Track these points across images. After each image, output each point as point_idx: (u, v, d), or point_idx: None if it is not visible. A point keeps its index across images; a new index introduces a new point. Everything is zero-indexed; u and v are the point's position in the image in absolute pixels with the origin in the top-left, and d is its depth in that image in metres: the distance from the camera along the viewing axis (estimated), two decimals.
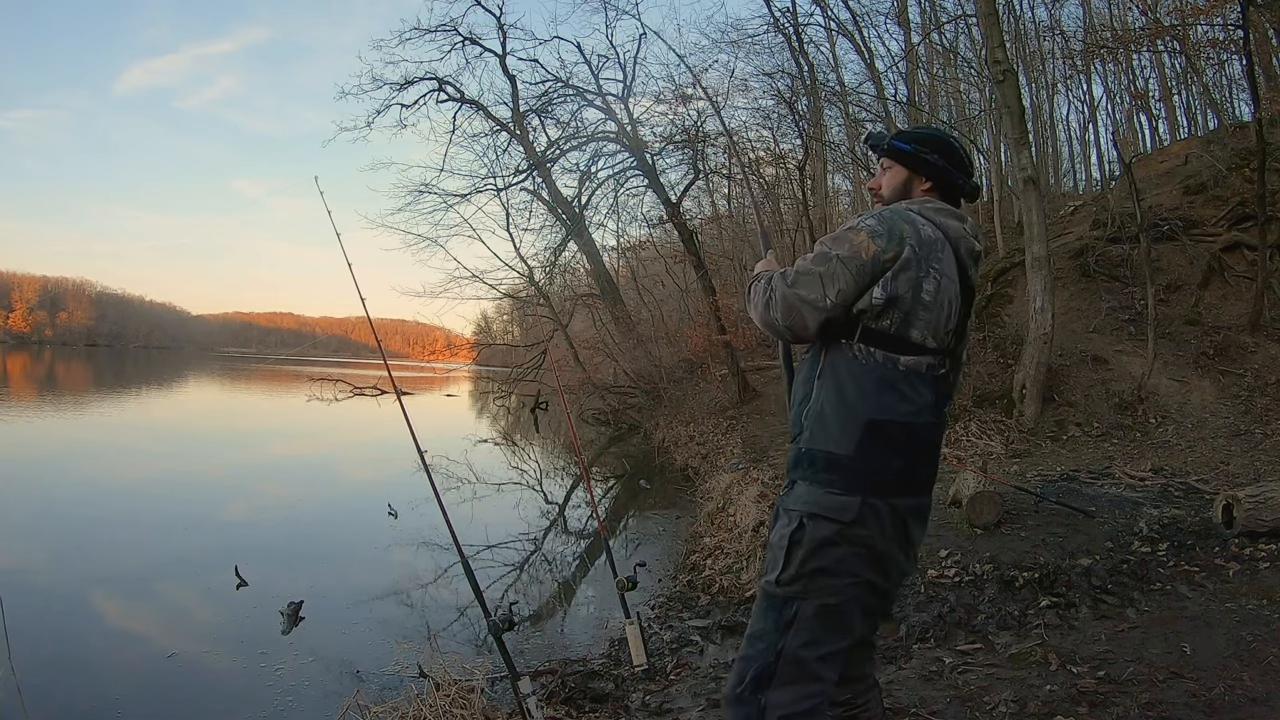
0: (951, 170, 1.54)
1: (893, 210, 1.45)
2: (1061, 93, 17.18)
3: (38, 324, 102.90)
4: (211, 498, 7.69)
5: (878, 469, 1.36)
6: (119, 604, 4.54)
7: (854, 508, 1.34)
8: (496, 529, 6.70)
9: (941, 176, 1.54)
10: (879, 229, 1.39)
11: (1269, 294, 8.14)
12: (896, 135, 1.61)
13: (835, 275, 1.37)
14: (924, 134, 1.60)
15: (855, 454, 1.35)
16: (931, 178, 1.54)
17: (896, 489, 1.38)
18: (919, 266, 1.38)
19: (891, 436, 1.37)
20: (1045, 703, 2.46)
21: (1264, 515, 3.96)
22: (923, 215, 1.45)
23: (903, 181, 1.57)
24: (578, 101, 14.11)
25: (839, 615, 1.38)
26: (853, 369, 1.39)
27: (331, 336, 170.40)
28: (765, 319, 1.45)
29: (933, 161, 1.54)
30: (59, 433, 12.79)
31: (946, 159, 1.54)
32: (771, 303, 1.42)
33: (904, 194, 1.56)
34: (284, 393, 27.42)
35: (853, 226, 1.41)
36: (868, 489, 1.35)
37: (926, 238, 1.41)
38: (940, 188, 1.55)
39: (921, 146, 1.55)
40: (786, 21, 14.12)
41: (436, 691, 2.68)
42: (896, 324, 1.38)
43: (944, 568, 3.83)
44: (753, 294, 1.49)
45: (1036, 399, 7.47)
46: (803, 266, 1.41)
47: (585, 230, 15.28)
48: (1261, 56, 10.72)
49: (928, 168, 1.54)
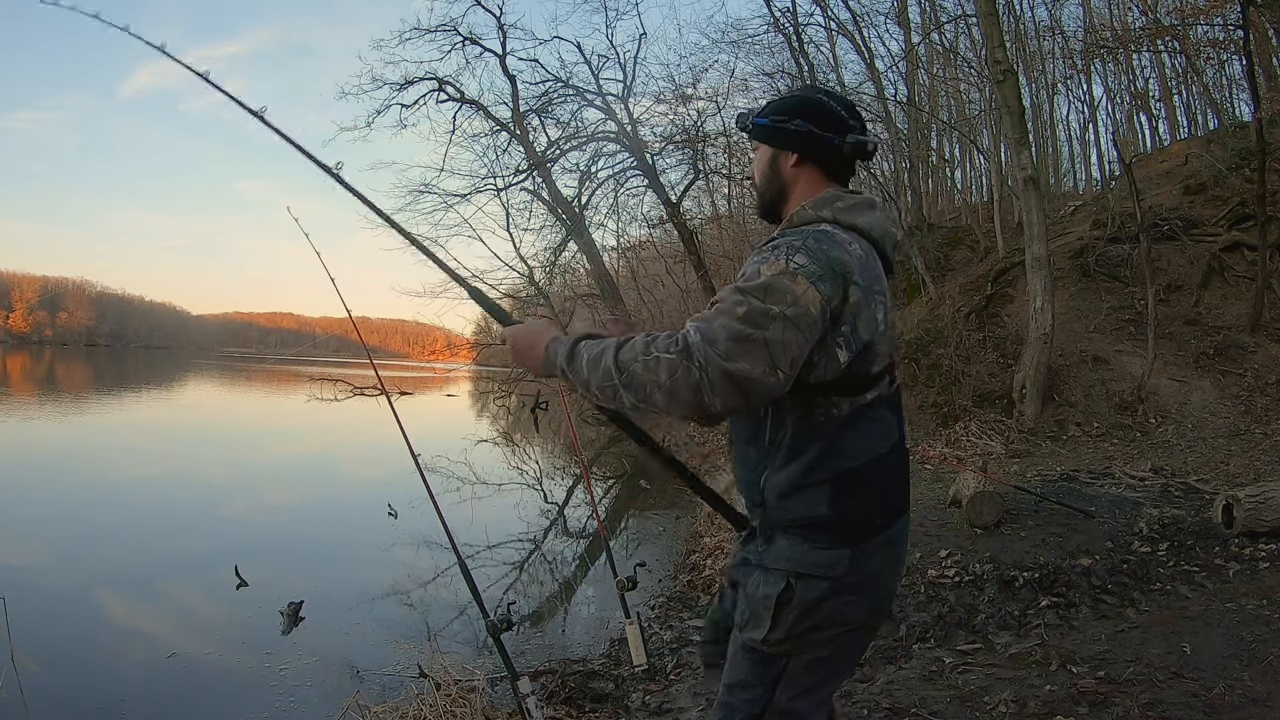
0: (823, 134, 1.26)
1: (814, 237, 1.14)
2: (1061, 93, 17.19)
3: (38, 324, 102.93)
4: (211, 497, 7.69)
5: (861, 515, 1.21)
6: (120, 604, 4.54)
7: (844, 560, 1.19)
8: (496, 529, 6.70)
9: (811, 145, 1.26)
10: (816, 269, 1.08)
11: (1269, 294, 8.14)
12: (757, 111, 1.34)
13: (785, 342, 1.03)
14: (783, 100, 1.33)
15: (834, 511, 1.18)
16: (799, 149, 1.27)
17: (882, 524, 1.25)
18: (868, 301, 1.15)
19: (867, 479, 1.21)
20: (1045, 703, 2.46)
21: (1264, 515, 3.96)
22: (840, 227, 1.19)
23: (769, 161, 1.31)
24: (578, 101, 14.12)
25: (832, 663, 1.30)
26: (811, 429, 1.17)
27: (331, 336, 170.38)
28: (693, 404, 1.01)
29: (796, 129, 1.26)
30: (59, 433, 12.79)
31: (814, 121, 1.26)
32: (702, 384, 1.00)
33: (773, 177, 1.31)
34: (284, 393, 27.42)
35: (783, 270, 1.07)
36: (855, 537, 1.20)
37: (862, 260, 1.17)
38: (815, 159, 1.27)
39: (780, 115, 1.29)
40: (786, 21, 14.13)
41: (436, 691, 2.68)
42: (859, 368, 1.16)
43: (944, 568, 3.84)
44: (634, 369, 1.04)
45: (1036, 399, 7.47)
46: (732, 328, 1.02)
47: (585, 230, 15.29)
48: (1261, 56, 10.72)
49: (792, 138, 1.27)
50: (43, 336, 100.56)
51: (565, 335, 1.20)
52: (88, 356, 63.67)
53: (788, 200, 1.30)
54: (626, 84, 13.64)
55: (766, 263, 1.10)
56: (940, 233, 15.13)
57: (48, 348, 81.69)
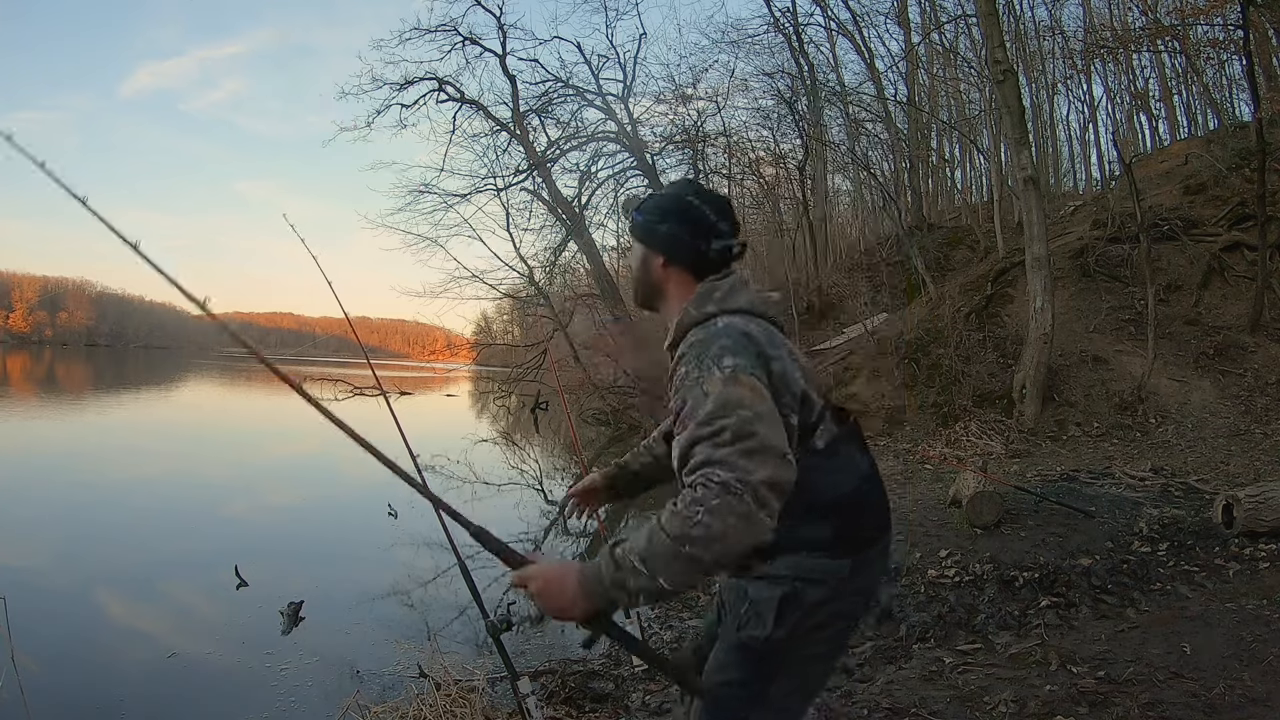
0: (688, 239, 1.29)
1: (719, 330, 1.21)
2: (1061, 93, 17.21)
3: (38, 324, 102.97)
4: (211, 497, 7.68)
5: (855, 533, 1.29)
6: (120, 604, 4.54)
7: (846, 568, 1.26)
8: (496, 529, 6.61)
9: (678, 250, 1.30)
10: (743, 362, 1.15)
11: (1269, 294, 8.14)
12: (638, 203, 1.37)
13: (775, 432, 1.11)
14: (657, 201, 1.35)
15: (833, 534, 1.26)
16: (666, 253, 1.31)
17: (874, 536, 1.33)
18: (784, 366, 1.21)
19: (852, 506, 1.29)
20: (1045, 703, 2.46)
21: (1264, 515, 3.97)
22: (729, 312, 1.24)
23: (641, 259, 1.35)
24: (578, 101, 14.16)
25: (826, 660, 1.36)
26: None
27: (331, 336, 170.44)
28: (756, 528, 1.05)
29: (664, 233, 1.31)
30: (59, 433, 12.79)
31: (682, 227, 1.30)
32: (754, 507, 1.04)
33: (645, 275, 1.35)
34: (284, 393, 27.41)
35: (723, 380, 1.13)
36: (854, 550, 1.27)
37: (763, 333, 1.23)
38: (682, 262, 1.30)
39: (651, 216, 1.33)
40: (786, 21, 14.16)
41: (437, 691, 2.68)
42: (804, 421, 1.23)
43: (944, 568, 3.84)
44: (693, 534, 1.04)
45: (1036, 399, 7.47)
46: (735, 449, 1.07)
47: (585, 230, 15.31)
48: (1261, 56, 10.73)
49: (660, 241, 1.31)
50: (43, 336, 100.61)
51: (578, 563, 1.15)
52: (88, 356, 63.69)
53: (663, 298, 1.35)
54: (626, 84, 13.69)
55: (704, 382, 1.14)
56: (940, 233, 15.14)
57: (48, 348, 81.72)
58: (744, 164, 15.63)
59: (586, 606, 1.11)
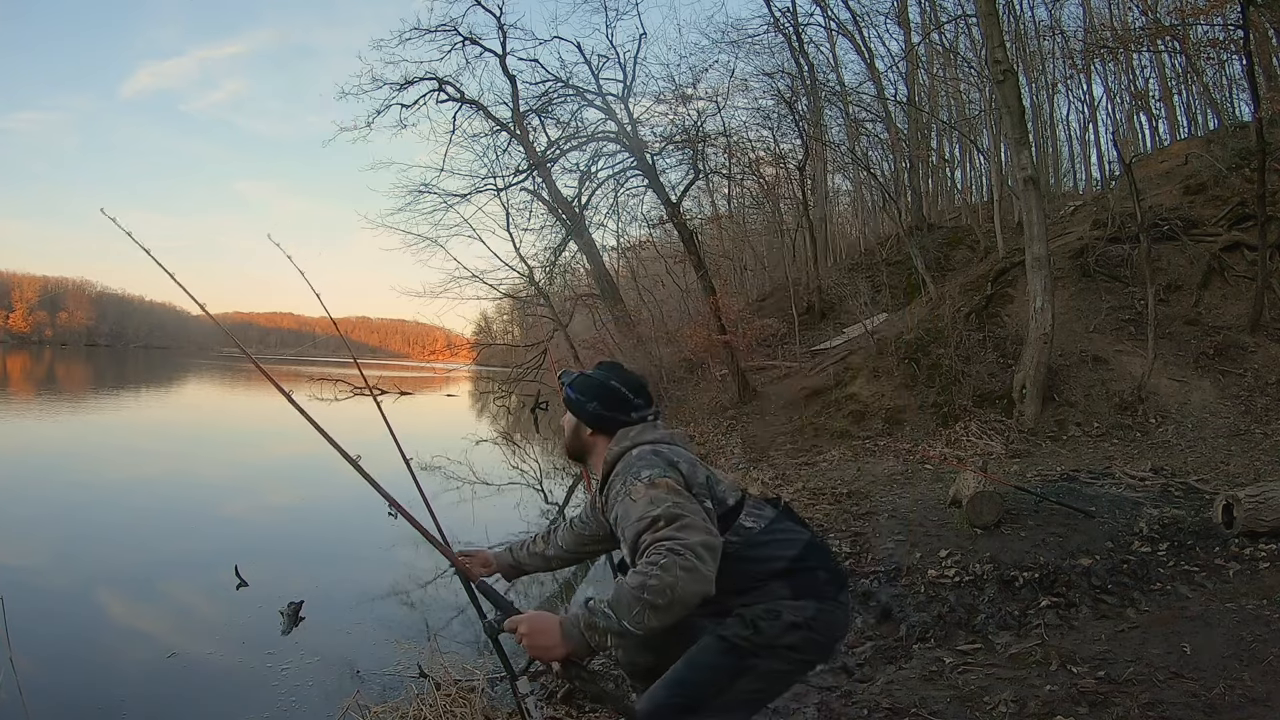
0: (610, 414, 1.65)
1: (635, 457, 1.55)
2: (1061, 93, 17.22)
3: (38, 324, 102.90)
4: (211, 497, 7.68)
5: (811, 587, 1.56)
6: (119, 604, 4.53)
7: (810, 608, 1.54)
8: (496, 529, 6.70)
9: (602, 423, 1.65)
10: (658, 470, 1.49)
11: (1269, 294, 8.14)
12: (570, 382, 1.73)
13: (697, 511, 1.42)
14: (585, 382, 1.70)
15: (792, 589, 1.54)
16: (590, 424, 1.67)
17: (831, 590, 1.59)
18: (693, 470, 1.55)
19: (801, 569, 1.56)
20: (1045, 703, 2.46)
21: (1264, 515, 3.96)
22: (639, 444, 1.58)
23: (573, 428, 1.72)
24: (578, 101, 14.15)
25: (783, 679, 1.61)
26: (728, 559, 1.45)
27: (331, 336, 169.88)
28: (701, 579, 1.32)
29: (591, 411, 1.66)
30: (59, 433, 12.79)
31: (605, 405, 1.65)
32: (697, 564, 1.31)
33: (574, 439, 1.71)
34: None
35: (647, 484, 1.46)
36: (812, 598, 1.55)
37: (669, 451, 1.57)
38: (604, 432, 1.65)
39: (581, 395, 1.68)
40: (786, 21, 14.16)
41: (436, 691, 2.68)
42: (721, 508, 1.54)
43: (944, 568, 3.84)
44: (650, 585, 1.29)
45: (1036, 399, 7.47)
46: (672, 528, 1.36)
47: (585, 230, 15.32)
48: (1261, 56, 10.73)
49: (588, 416, 1.67)
50: (43, 336, 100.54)
51: (558, 615, 1.39)
52: (88, 356, 63.67)
53: (591, 454, 1.71)
54: (626, 84, 13.68)
55: (632, 492, 1.46)
56: (940, 233, 15.15)
57: (48, 348, 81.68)
58: (744, 164, 15.63)
59: (565, 647, 1.33)
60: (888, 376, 9.27)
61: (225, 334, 1.72)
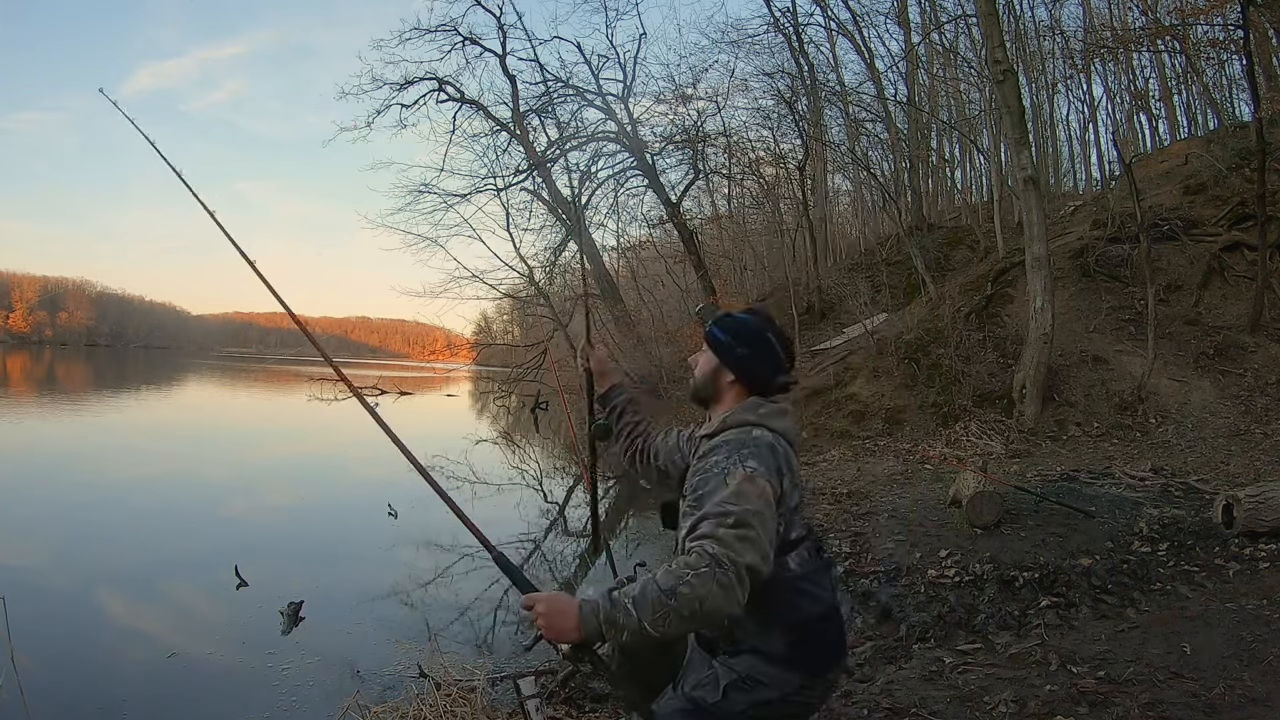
0: (760, 367, 1.52)
1: (753, 438, 1.42)
2: (1061, 93, 17.20)
3: (38, 324, 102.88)
4: (211, 497, 7.68)
5: (811, 656, 1.47)
6: (120, 604, 4.54)
7: (794, 682, 1.45)
8: (496, 529, 6.70)
9: (747, 373, 1.53)
10: (763, 469, 1.37)
11: (1269, 294, 8.14)
12: (718, 319, 1.58)
13: (767, 533, 1.31)
14: (742, 324, 1.56)
15: (790, 648, 1.44)
16: (735, 371, 1.53)
17: (826, 666, 1.51)
18: (793, 486, 1.44)
19: (818, 629, 1.47)
20: (1045, 703, 2.46)
21: (1264, 515, 3.97)
22: (766, 427, 1.44)
23: (712, 370, 1.56)
24: (578, 101, 14.18)
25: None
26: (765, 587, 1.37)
27: (331, 336, 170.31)
28: (732, 601, 1.24)
29: (740, 356, 1.53)
30: (59, 433, 12.79)
31: (757, 355, 1.53)
32: (733, 583, 1.23)
33: (711, 382, 1.56)
34: (283, 393, 27.44)
35: (745, 477, 1.34)
36: (804, 669, 1.46)
37: (786, 455, 1.44)
38: (746, 382, 1.53)
39: (733, 339, 1.54)
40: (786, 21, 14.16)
41: (436, 691, 2.68)
42: (785, 535, 1.43)
43: (944, 568, 3.84)
44: (680, 591, 1.22)
45: (1036, 399, 7.47)
46: (734, 534, 1.27)
47: (585, 230, 15.32)
48: (1261, 56, 10.73)
49: (735, 361, 1.53)
50: (43, 336, 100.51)
51: (578, 598, 1.30)
52: (88, 356, 63.67)
53: (718, 402, 1.58)
54: (626, 84, 13.70)
55: (729, 474, 1.35)
56: (940, 233, 15.13)
57: (48, 348, 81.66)
58: (744, 164, 15.62)
59: (581, 634, 1.26)
60: (888, 376, 9.27)
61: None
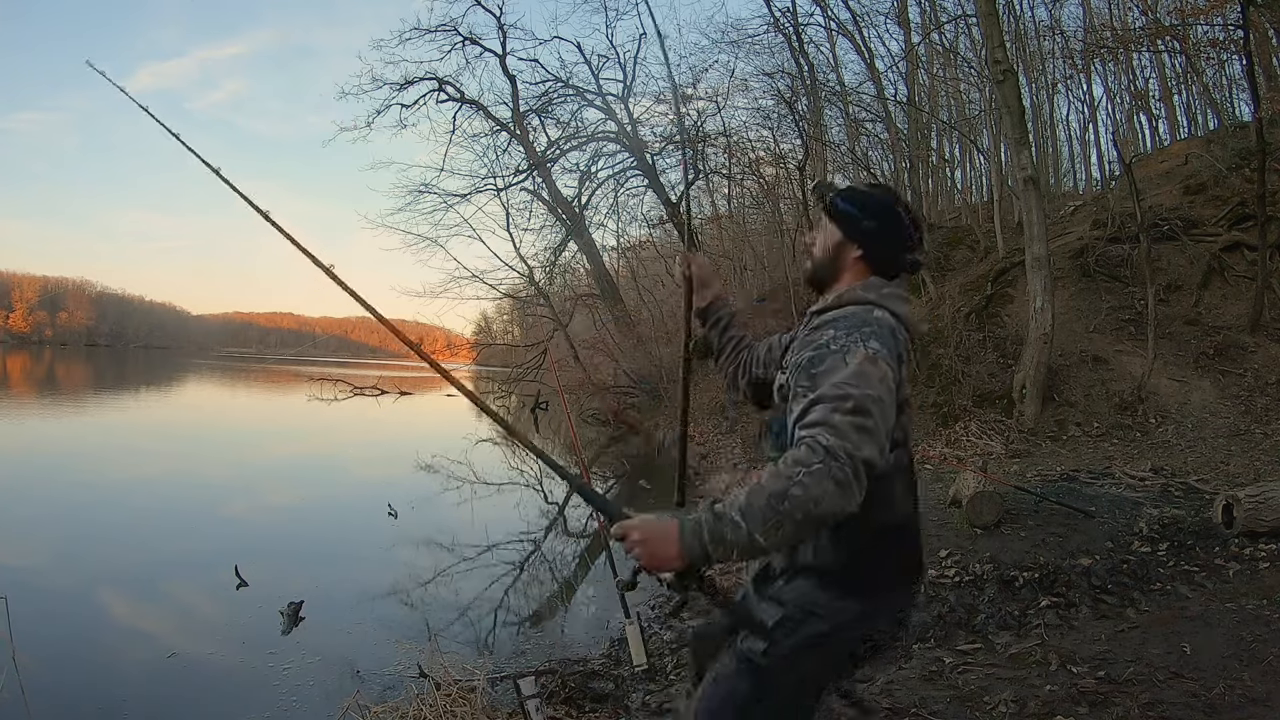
0: (888, 242, 1.40)
1: (874, 318, 1.28)
2: (1061, 93, 17.17)
3: (38, 324, 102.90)
4: (211, 497, 7.68)
5: (877, 573, 1.32)
6: (120, 604, 4.54)
7: (851, 610, 1.30)
8: (496, 529, 6.70)
9: (875, 247, 1.40)
10: (887, 351, 1.23)
11: (1269, 294, 8.14)
12: (841, 192, 1.45)
13: (886, 422, 1.16)
14: (868, 196, 1.44)
15: (854, 561, 1.29)
16: (863, 246, 1.40)
17: (892, 589, 1.37)
18: (903, 375, 1.29)
19: (884, 540, 1.31)
20: (1045, 703, 2.46)
21: (1264, 515, 3.97)
22: (885, 307, 1.32)
23: (835, 244, 1.43)
24: (578, 101, 14.19)
25: (817, 685, 1.40)
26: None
27: (331, 336, 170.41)
28: (849, 500, 1.09)
29: (868, 229, 1.40)
30: (59, 433, 12.79)
31: (885, 228, 1.40)
32: (851, 479, 1.08)
33: (834, 259, 1.43)
34: (284, 393, 27.44)
35: (867, 357, 1.19)
36: (867, 592, 1.32)
37: (904, 342, 1.32)
38: (872, 259, 1.40)
39: (861, 211, 1.41)
40: (786, 21, 14.14)
41: (436, 691, 2.68)
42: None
43: (944, 568, 3.84)
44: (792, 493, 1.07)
45: (1036, 399, 7.47)
46: (851, 421, 1.12)
47: (585, 230, 15.33)
48: (1261, 56, 10.72)
49: (862, 234, 1.41)
50: (43, 336, 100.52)
51: (676, 519, 1.16)
52: (88, 356, 63.67)
53: (837, 279, 1.44)
54: (626, 84, 13.71)
55: (849, 353, 1.20)
56: (940, 233, 15.11)
57: (48, 348, 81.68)
58: (744, 164, 15.61)
59: (684, 558, 1.12)
60: None
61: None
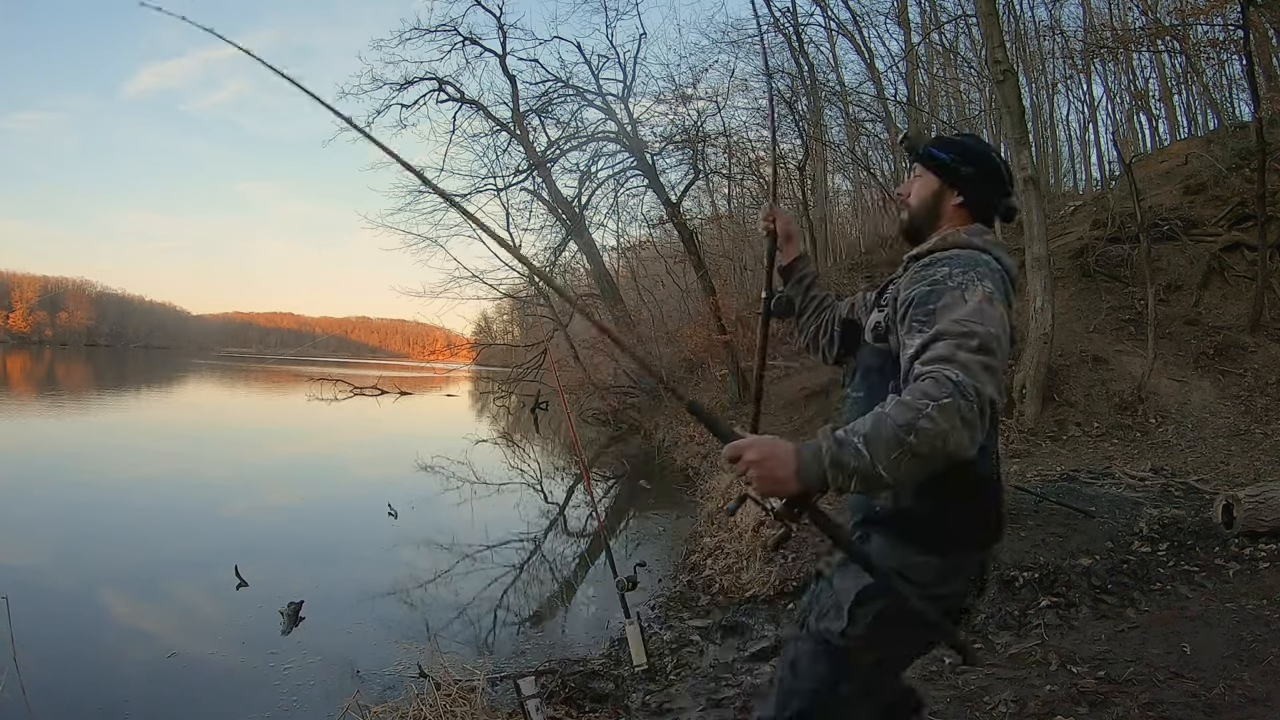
0: (986, 187, 1.42)
1: (984, 263, 1.27)
2: (1061, 93, 17.19)
3: (38, 324, 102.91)
4: (211, 497, 7.69)
5: (961, 526, 1.29)
6: (121, 604, 4.54)
7: (937, 567, 1.26)
8: (496, 529, 6.70)
9: (974, 192, 1.41)
10: (1000, 294, 1.22)
11: (1269, 294, 8.14)
12: (934, 141, 1.47)
13: (1003, 362, 1.15)
14: (962, 143, 1.46)
15: (938, 512, 1.25)
16: (963, 192, 1.41)
17: (977, 542, 1.34)
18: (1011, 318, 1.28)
19: (971, 491, 1.29)
20: (1045, 703, 2.46)
21: (1264, 515, 3.97)
22: (993, 256, 1.31)
23: (933, 193, 1.44)
24: (578, 101, 14.14)
25: (899, 662, 1.38)
26: None
27: (331, 336, 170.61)
28: (975, 438, 1.06)
29: (966, 175, 1.41)
30: (59, 432, 12.79)
31: (982, 174, 1.42)
32: (977, 416, 1.05)
33: (932, 206, 1.44)
34: (284, 393, 27.44)
35: (985, 296, 1.18)
36: (949, 547, 1.28)
37: (1009, 293, 1.30)
38: (972, 204, 1.41)
39: (958, 157, 1.42)
40: (787, 21, 14.14)
41: (436, 691, 2.68)
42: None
43: None
44: (921, 426, 1.03)
45: (1036, 399, 7.47)
46: (978, 359, 1.09)
47: (585, 230, 15.31)
48: (1261, 56, 10.72)
49: (961, 181, 1.41)
50: (43, 336, 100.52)
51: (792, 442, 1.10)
52: (88, 356, 63.67)
53: (936, 227, 1.43)
54: (626, 84, 13.66)
55: (968, 290, 1.19)
56: None
57: (48, 348, 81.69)
58: (744, 164, 15.59)
59: (800, 482, 1.07)
60: None
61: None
